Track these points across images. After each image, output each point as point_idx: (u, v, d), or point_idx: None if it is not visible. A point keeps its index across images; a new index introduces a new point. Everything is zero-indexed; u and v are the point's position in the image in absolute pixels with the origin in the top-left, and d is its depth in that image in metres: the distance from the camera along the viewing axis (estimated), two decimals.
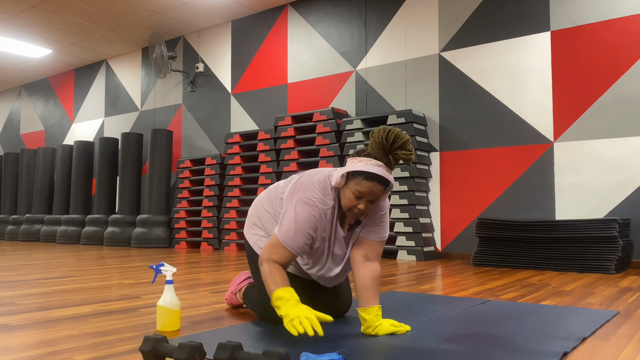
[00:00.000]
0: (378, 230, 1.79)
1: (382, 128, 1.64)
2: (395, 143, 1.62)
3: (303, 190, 1.71)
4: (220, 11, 6.61)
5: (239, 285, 2.20)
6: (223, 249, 6.25)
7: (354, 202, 1.66)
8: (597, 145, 4.28)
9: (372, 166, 1.63)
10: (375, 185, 1.63)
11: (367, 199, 1.65)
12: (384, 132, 1.62)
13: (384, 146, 1.62)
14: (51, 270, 3.88)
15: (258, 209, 1.95)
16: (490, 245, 4.27)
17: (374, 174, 1.62)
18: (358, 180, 1.64)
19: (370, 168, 1.62)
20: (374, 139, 1.64)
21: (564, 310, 2.21)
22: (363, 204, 1.66)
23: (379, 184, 1.63)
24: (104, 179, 7.61)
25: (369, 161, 1.64)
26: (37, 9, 6.48)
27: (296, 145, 5.83)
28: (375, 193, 1.64)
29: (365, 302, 1.73)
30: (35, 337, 1.72)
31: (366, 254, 1.78)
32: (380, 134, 1.63)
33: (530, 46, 4.63)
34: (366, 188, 1.63)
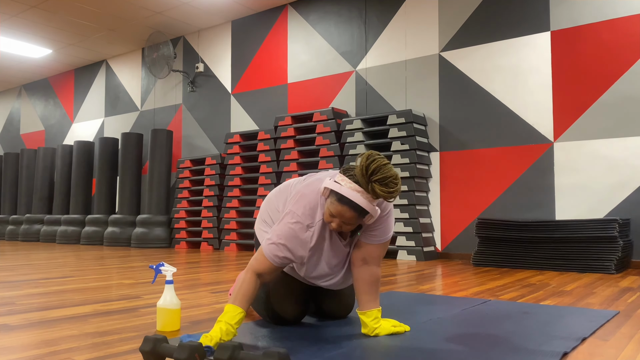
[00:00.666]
0: (378, 234, 1.73)
1: (368, 154, 1.53)
2: (374, 175, 1.51)
3: (295, 202, 1.67)
4: (220, 11, 6.61)
5: None
6: (223, 249, 6.25)
7: (329, 219, 1.61)
8: (597, 145, 4.28)
9: (350, 190, 1.54)
10: (347, 210, 1.55)
11: (340, 221, 1.59)
12: (366, 159, 1.52)
13: (364, 173, 1.52)
14: (51, 270, 3.88)
15: (270, 206, 1.89)
16: (490, 245, 4.27)
17: (347, 198, 1.54)
18: (332, 199, 1.58)
19: (345, 191, 1.54)
20: (359, 162, 1.53)
21: (564, 310, 2.21)
22: (335, 224, 1.60)
23: (351, 209, 1.55)
24: (104, 179, 7.61)
25: (348, 183, 1.56)
26: (37, 9, 6.48)
27: (296, 145, 5.83)
28: (345, 217, 1.57)
29: (364, 306, 1.73)
30: (35, 337, 1.72)
31: (364, 257, 1.74)
32: (363, 160, 1.52)
33: (530, 46, 4.63)
34: (337, 211, 1.57)
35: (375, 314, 1.71)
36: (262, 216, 1.94)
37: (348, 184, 1.55)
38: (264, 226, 1.91)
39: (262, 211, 1.95)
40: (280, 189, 1.91)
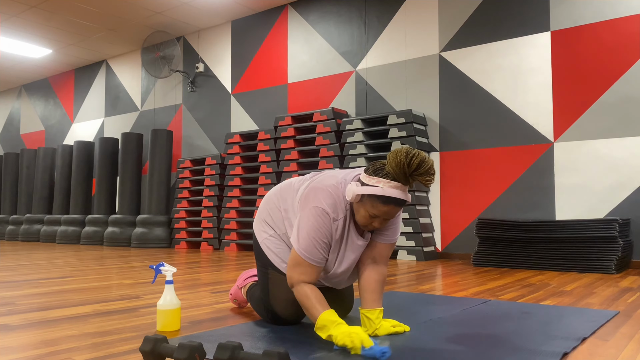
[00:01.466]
0: (389, 234, 1.75)
1: (405, 150, 1.54)
2: (420, 169, 1.53)
3: (314, 199, 1.66)
4: (220, 11, 6.62)
5: (245, 280, 2.19)
6: (223, 249, 6.25)
7: (369, 221, 1.63)
8: (597, 145, 4.28)
9: (390, 188, 1.56)
10: (392, 208, 1.59)
11: (383, 218, 1.62)
12: (406, 156, 1.52)
13: (405, 170, 1.53)
14: (51, 270, 3.88)
15: (270, 205, 1.89)
16: (490, 245, 4.27)
17: (392, 198, 1.57)
18: (374, 202, 1.58)
19: (388, 192, 1.55)
20: (395, 160, 1.53)
21: (564, 310, 2.21)
22: (378, 222, 1.63)
23: (396, 206, 1.59)
24: (104, 179, 7.61)
25: (387, 182, 1.56)
26: (37, 9, 6.48)
27: (296, 145, 5.83)
28: (390, 214, 1.60)
29: (368, 304, 1.73)
30: (35, 337, 1.72)
31: (374, 256, 1.76)
32: (402, 158, 1.52)
33: (530, 46, 4.63)
34: (382, 212, 1.59)
35: (378, 314, 1.72)
36: (261, 216, 1.93)
37: (387, 184, 1.56)
38: (263, 226, 1.90)
39: (261, 210, 1.94)
40: (282, 188, 1.89)
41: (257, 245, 1.90)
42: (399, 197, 1.56)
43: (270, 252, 1.84)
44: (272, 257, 1.83)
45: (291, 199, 1.81)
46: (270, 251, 1.84)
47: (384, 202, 1.57)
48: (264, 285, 1.87)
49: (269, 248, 1.85)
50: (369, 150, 5.22)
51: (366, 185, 1.58)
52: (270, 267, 1.84)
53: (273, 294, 1.83)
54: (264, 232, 1.88)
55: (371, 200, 1.58)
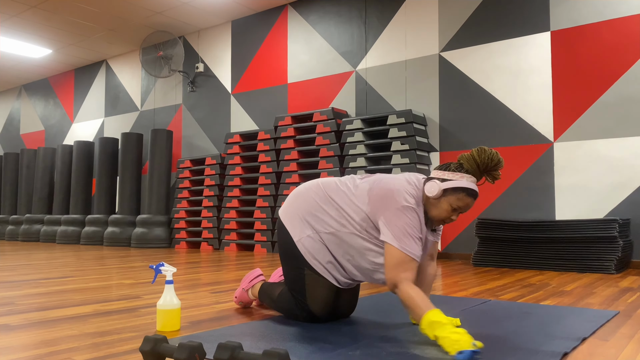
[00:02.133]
0: (440, 232, 1.92)
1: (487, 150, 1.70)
2: (498, 165, 1.71)
3: (399, 198, 1.72)
4: (220, 11, 6.61)
5: (250, 282, 2.20)
6: (223, 249, 6.25)
7: (450, 214, 1.74)
8: (597, 145, 4.28)
9: (472, 184, 1.72)
10: (472, 200, 1.74)
11: (462, 211, 1.75)
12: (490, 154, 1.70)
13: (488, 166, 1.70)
14: (51, 270, 3.88)
15: (311, 205, 1.88)
16: (490, 245, 4.27)
17: (476, 191, 1.73)
18: (460, 195, 1.71)
19: (472, 185, 1.72)
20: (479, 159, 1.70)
21: (564, 310, 2.21)
22: (456, 215, 1.76)
23: (474, 199, 1.75)
24: (104, 179, 7.61)
25: (469, 177, 1.72)
26: (37, 9, 6.48)
27: (296, 145, 5.83)
28: (469, 206, 1.75)
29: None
30: (35, 337, 1.72)
31: (432, 253, 1.93)
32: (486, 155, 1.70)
33: (530, 46, 4.63)
34: (466, 203, 1.73)
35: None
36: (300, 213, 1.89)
37: (468, 179, 1.72)
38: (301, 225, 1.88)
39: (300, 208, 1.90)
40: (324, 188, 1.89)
41: (291, 244, 1.88)
42: (477, 189, 1.75)
43: (307, 252, 1.85)
44: (309, 257, 1.85)
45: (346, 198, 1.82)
46: (307, 251, 1.85)
47: (469, 194, 1.72)
48: (298, 285, 1.87)
49: (305, 248, 1.85)
50: (369, 150, 5.22)
51: (449, 180, 1.72)
52: (306, 267, 1.85)
53: (311, 294, 1.85)
54: (301, 232, 1.87)
55: (457, 193, 1.71)
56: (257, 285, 2.18)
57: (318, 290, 1.85)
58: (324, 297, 1.85)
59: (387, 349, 1.54)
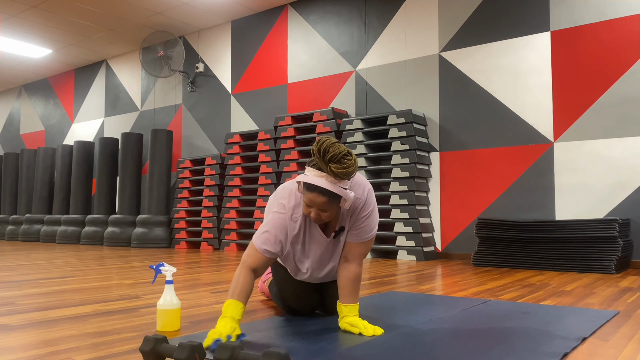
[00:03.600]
0: (358, 233, 1.82)
1: (317, 139, 1.62)
2: (327, 155, 1.59)
3: (275, 199, 1.82)
4: (220, 11, 6.62)
5: (266, 275, 2.39)
6: (223, 249, 6.25)
7: (307, 210, 1.71)
8: (597, 145, 4.28)
9: (314, 177, 1.64)
10: (316, 196, 1.64)
11: (317, 208, 1.68)
12: (316, 143, 1.61)
13: (320, 158, 1.61)
14: (51, 270, 3.88)
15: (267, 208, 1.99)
16: (490, 245, 4.27)
17: (313, 185, 1.64)
18: (304, 190, 1.68)
19: (310, 179, 1.64)
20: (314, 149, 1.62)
21: (564, 310, 2.21)
22: (313, 213, 1.69)
23: (319, 194, 1.64)
24: (104, 179, 7.61)
25: (313, 171, 1.65)
26: (37, 9, 6.48)
27: (296, 145, 5.83)
28: (317, 203, 1.66)
29: (342, 299, 1.83)
30: (35, 337, 1.72)
31: (346, 255, 1.85)
32: (314, 146, 1.61)
33: (530, 46, 4.63)
34: (309, 199, 1.67)
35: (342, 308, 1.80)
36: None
37: (312, 172, 1.65)
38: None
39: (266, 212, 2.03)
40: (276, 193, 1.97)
41: None
42: (320, 184, 1.62)
43: None
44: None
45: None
46: None
47: (307, 188, 1.66)
48: (277, 281, 2.04)
49: None
50: (369, 150, 5.22)
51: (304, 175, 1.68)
52: (278, 265, 2.02)
53: (282, 289, 2.02)
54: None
55: (302, 188, 1.69)
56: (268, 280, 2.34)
57: (288, 285, 1.99)
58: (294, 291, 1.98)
59: (387, 349, 1.54)
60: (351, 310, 1.79)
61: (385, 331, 1.78)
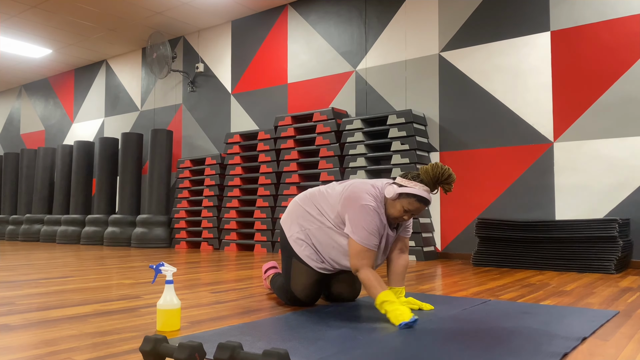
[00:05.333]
0: (410, 228, 2.28)
1: (439, 165, 2.03)
2: (449, 179, 2.03)
3: (361, 199, 2.06)
4: (220, 11, 6.62)
5: (267, 272, 2.65)
6: (223, 249, 6.25)
7: (402, 214, 2.07)
8: (597, 145, 4.28)
9: (424, 191, 2.03)
10: (422, 206, 2.05)
11: (412, 213, 2.07)
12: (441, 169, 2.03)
13: (438, 179, 2.02)
14: (51, 270, 3.88)
15: (299, 210, 2.28)
16: (490, 245, 4.27)
17: (425, 197, 2.03)
18: (411, 200, 2.04)
19: (422, 193, 2.03)
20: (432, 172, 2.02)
21: (564, 310, 2.21)
22: (408, 216, 2.08)
23: (424, 204, 2.06)
24: (104, 179, 7.61)
25: (422, 186, 2.03)
26: (37, 9, 6.48)
27: (296, 145, 5.83)
28: (419, 210, 2.07)
29: (394, 283, 2.22)
30: (35, 337, 1.72)
31: (402, 247, 2.26)
32: (438, 169, 2.03)
33: (530, 46, 4.63)
34: (416, 208, 2.05)
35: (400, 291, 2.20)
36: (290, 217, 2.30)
37: (422, 187, 2.03)
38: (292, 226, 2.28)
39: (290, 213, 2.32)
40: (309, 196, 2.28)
41: (285, 239, 2.30)
42: (429, 198, 2.06)
43: (295, 245, 2.24)
44: (297, 248, 2.23)
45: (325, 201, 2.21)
46: (295, 244, 2.24)
47: (419, 200, 2.04)
48: (287, 271, 2.27)
49: (295, 242, 2.25)
50: (369, 150, 5.22)
51: (404, 187, 2.04)
52: (294, 257, 2.24)
53: (294, 279, 2.24)
54: (291, 230, 2.28)
55: (408, 198, 2.04)
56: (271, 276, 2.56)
57: (300, 277, 2.24)
58: (304, 282, 2.23)
59: (387, 349, 1.54)
60: (403, 291, 2.21)
61: (385, 331, 1.78)
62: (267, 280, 2.63)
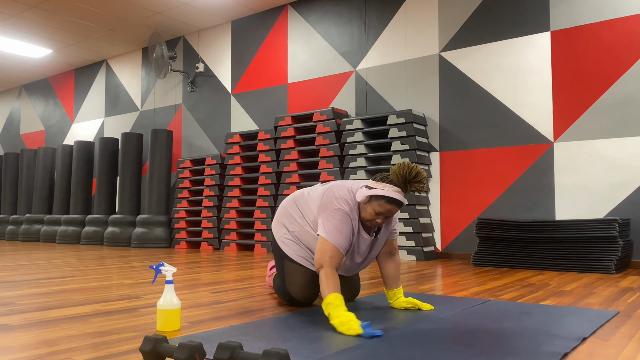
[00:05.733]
0: (395, 231, 2.27)
1: (406, 164, 2.01)
2: (418, 177, 1.99)
3: (336, 203, 2.07)
4: (220, 11, 6.62)
5: (270, 270, 2.67)
6: (223, 249, 6.25)
7: (374, 217, 2.05)
8: (597, 145, 4.28)
9: (393, 192, 2.01)
10: (393, 207, 2.03)
11: (385, 216, 2.05)
12: (407, 167, 2.00)
13: (406, 178, 1.99)
14: (51, 270, 3.88)
15: (284, 212, 2.31)
16: (490, 245, 4.27)
17: (394, 198, 2.01)
18: (381, 202, 2.01)
19: (392, 194, 2.01)
20: (399, 171, 2.00)
21: (564, 310, 2.21)
22: (380, 219, 2.05)
23: (396, 205, 2.03)
24: (104, 179, 7.61)
25: (391, 187, 2.01)
26: (37, 9, 6.48)
27: (296, 145, 5.83)
28: (391, 212, 2.04)
29: (389, 286, 2.26)
30: (35, 337, 1.72)
31: (390, 250, 2.28)
32: (404, 168, 2.00)
33: (530, 46, 4.63)
34: (387, 210, 2.03)
35: (395, 292, 2.24)
36: (278, 219, 2.33)
37: (391, 188, 2.01)
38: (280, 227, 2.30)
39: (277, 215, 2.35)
40: (295, 198, 2.30)
41: (275, 242, 2.32)
42: (399, 199, 2.03)
43: (285, 246, 2.25)
44: (287, 250, 2.24)
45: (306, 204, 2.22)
46: (285, 245, 2.25)
47: (388, 201, 2.01)
48: (281, 273, 2.27)
49: (284, 243, 2.26)
50: (369, 150, 5.22)
51: (374, 189, 2.02)
52: (285, 258, 2.25)
53: (289, 280, 2.24)
54: (279, 232, 2.30)
55: (378, 200, 2.02)
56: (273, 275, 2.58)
57: (294, 277, 2.24)
58: (299, 282, 2.23)
59: (387, 349, 1.54)
60: (401, 292, 2.24)
61: (385, 331, 1.78)
62: (270, 278, 2.66)
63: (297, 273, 2.23)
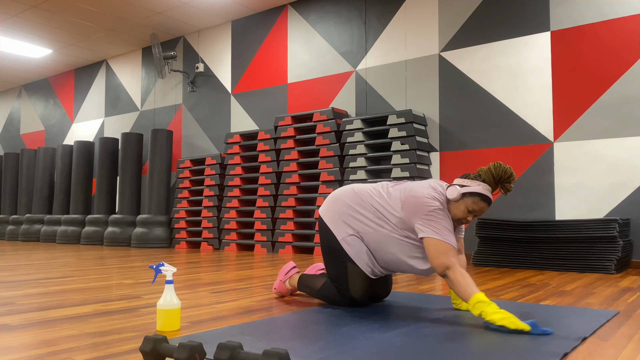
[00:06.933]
0: (461, 230, 2.25)
1: (501, 165, 2.03)
2: (510, 178, 2.03)
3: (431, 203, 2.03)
4: (220, 11, 6.62)
5: (286, 274, 2.52)
6: (223, 249, 6.25)
7: (465, 215, 2.05)
8: (597, 145, 4.28)
9: (487, 191, 2.04)
10: (486, 205, 2.05)
11: (477, 214, 2.06)
12: (502, 168, 2.03)
13: (501, 177, 2.02)
14: (51, 270, 3.88)
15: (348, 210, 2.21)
16: (490, 245, 4.27)
17: (488, 196, 2.04)
18: (475, 199, 2.03)
19: (486, 192, 2.03)
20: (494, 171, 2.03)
21: (564, 310, 2.21)
22: (472, 217, 2.07)
23: (488, 204, 2.06)
24: (104, 179, 7.61)
25: (485, 185, 2.04)
26: (37, 9, 6.48)
27: (296, 145, 5.83)
28: (483, 210, 2.06)
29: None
30: (35, 337, 1.72)
31: (459, 248, 2.25)
32: (500, 169, 2.03)
33: (530, 46, 4.63)
34: (480, 208, 2.04)
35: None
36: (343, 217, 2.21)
37: (485, 186, 2.04)
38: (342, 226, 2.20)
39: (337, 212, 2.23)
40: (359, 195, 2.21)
41: (335, 242, 2.21)
42: (491, 197, 2.07)
43: (349, 248, 2.18)
44: (351, 252, 2.17)
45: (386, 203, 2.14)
46: (350, 247, 2.18)
47: (483, 199, 2.04)
48: (341, 276, 2.19)
49: (348, 245, 2.19)
50: (369, 151, 5.22)
51: (467, 186, 2.03)
52: (349, 261, 2.18)
53: (352, 284, 2.18)
54: (343, 232, 2.21)
55: (473, 197, 2.03)
56: (294, 277, 2.48)
57: (358, 281, 2.18)
58: (364, 286, 2.19)
59: (387, 349, 1.54)
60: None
61: (385, 331, 1.78)
62: (288, 281, 2.53)
63: (362, 278, 2.18)
